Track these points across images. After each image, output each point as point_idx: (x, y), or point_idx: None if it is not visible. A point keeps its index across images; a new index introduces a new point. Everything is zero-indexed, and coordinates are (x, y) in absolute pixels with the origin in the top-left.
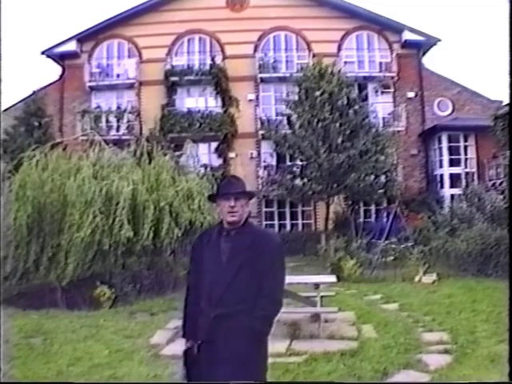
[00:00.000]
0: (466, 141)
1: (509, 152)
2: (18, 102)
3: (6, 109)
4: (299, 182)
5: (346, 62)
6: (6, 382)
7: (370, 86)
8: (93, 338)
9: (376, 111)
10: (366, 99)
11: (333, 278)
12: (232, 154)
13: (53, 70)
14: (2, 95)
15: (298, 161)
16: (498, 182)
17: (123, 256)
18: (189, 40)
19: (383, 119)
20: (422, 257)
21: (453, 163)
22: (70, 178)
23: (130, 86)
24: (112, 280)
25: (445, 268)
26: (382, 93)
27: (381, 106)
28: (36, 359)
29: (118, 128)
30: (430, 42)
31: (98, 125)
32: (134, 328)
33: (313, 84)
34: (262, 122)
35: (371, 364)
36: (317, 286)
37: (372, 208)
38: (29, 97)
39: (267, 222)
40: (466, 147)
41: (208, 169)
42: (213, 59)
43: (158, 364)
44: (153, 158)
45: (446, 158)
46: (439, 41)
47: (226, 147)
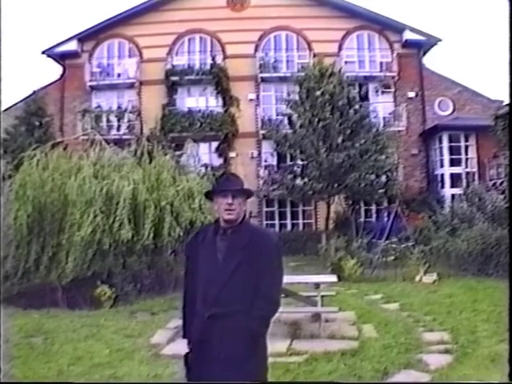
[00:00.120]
0: (466, 140)
1: (509, 152)
2: (19, 102)
3: (7, 108)
4: (300, 181)
5: (346, 62)
6: (7, 382)
7: (371, 86)
8: (93, 338)
9: (376, 111)
10: (366, 99)
11: (333, 278)
12: (233, 154)
13: (53, 70)
14: (3, 95)
15: (298, 160)
16: (499, 181)
17: (124, 255)
18: (189, 39)
19: (384, 119)
20: (423, 256)
21: (453, 163)
22: (70, 178)
23: (131, 86)
24: (113, 279)
25: (445, 268)
26: (383, 92)
27: (381, 106)
28: (36, 359)
29: (118, 127)
30: (430, 42)
31: (98, 124)
32: (134, 327)
33: (314, 84)
34: (262, 121)
35: (372, 364)
36: (317, 286)
37: (373, 208)
38: (29, 96)
39: (268, 222)
40: (466, 147)
41: (209, 168)
42: (213, 59)
43: (158, 363)
44: (153, 157)
45: (446, 157)
46: (440, 40)
47: (227, 147)
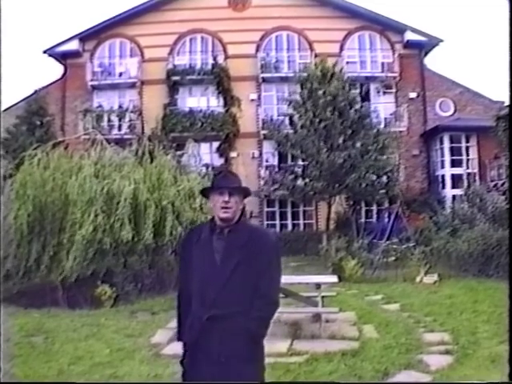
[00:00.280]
0: (467, 141)
1: (509, 153)
2: (20, 101)
3: (8, 107)
4: (301, 182)
5: (348, 62)
6: (7, 382)
7: (372, 86)
8: (94, 337)
9: (377, 111)
10: (367, 99)
11: (334, 278)
12: (234, 154)
13: (55, 69)
14: (4, 94)
15: (299, 161)
16: (500, 182)
17: (124, 255)
18: (191, 39)
19: (385, 119)
20: (424, 257)
21: (454, 164)
22: (71, 177)
23: (132, 86)
24: (113, 279)
25: (446, 268)
26: (384, 93)
27: (383, 107)
28: (37, 358)
29: (119, 127)
30: (432, 43)
31: (99, 124)
32: (135, 327)
33: (315, 84)
34: (263, 121)
35: (372, 364)
36: (318, 286)
37: (373, 208)
38: (31, 96)
39: (269, 222)
40: (467, 148)
41: (210, 168)
42: (215, 59)
43: (158, 363)
44: (154, 157)
45: (447, 158)
46: (441, 41)
47: (228, 147)
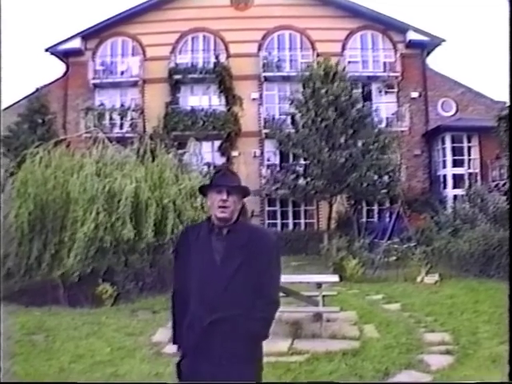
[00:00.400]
0: (469, 141)
1: (509, 153)
2: (22, 99)
3: (10, 105)
4: (302, 181)
5: (350, 62)
6: (7, 382)
7: (374, 86)
8: (95, 336)
9: (379, 110)
10: (369, 99)
11: (335, 278)
12: (235, 153)
13: (57, 68)
14: (6, 92)
15: (301, 160)
16: (501, 182)
17: (126, 253)
18: (193, 38)
19: (387, 119)
20: (425, 257)
21: (456, 164)
22: (72, 175)
23: (134, 84)
24: (114, 277)
25: (447, 268)
26: (386, 93)
27: (384, 106)
28: (38, 356)
29: (121, 126)
30: (434, 42)
31: (101, 122)
32: (135, 326)
33: (318, 83)
34: (265, 120)
35: (373, 364)
36: (319, 286)
37: (375, 208)
38: (32, 94)
39: (270, 221)
40: (469, 148)
41: (211, 167)
42: (217, 58)
43: (159, 362)
44: (156, 155)
45: (449, 158)
46: (443, 41)
47: (230, 146)
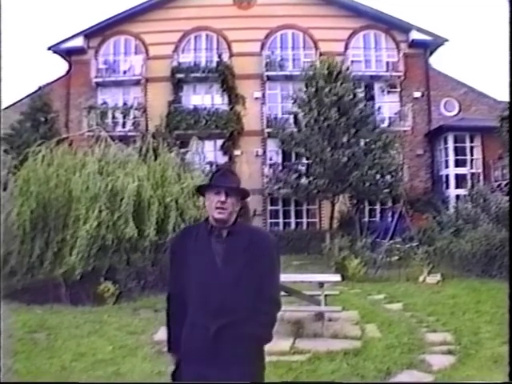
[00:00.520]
0: (471, 141)
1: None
2: (24, 98)
3: (13, 104)
4: (305, 180)
5: (352, 61)
6: (7, 382)
7: (377, 86)
8: (96, 334)
9: (381, 109)
10: (372, 98)
11: (337, 277)
12: (237, 152)
13: (59, 66)
14: (9, 91)
15: (303, 159)
16: (504, 183)
17: (128, 252)
18: (196, 37)
19: (389, 119)
20: (427, 257)
21: (458, 164)
22: (75, 174)
23: (137, 83)
24: (116, 276)
25: (449, 268)
26: (389, 92)
27: (387, 106)
28: (40, 354)
29: (123, 124)
30: (437, 42)
31: (104, 121)
32: (137, 324)
33: (321, 82)
34: (268, 120)
35: (374, 363)
36: (321, 285)
37: (377, 207)
38: (35, 92)
39: (272, 220)
40: (471, 148)
41: (213, 166)
42: (219, 57)
43: (161, 361)
44: (158, 154)
45: (451, 158)
46: (446, 41)
47: (232, 145)
